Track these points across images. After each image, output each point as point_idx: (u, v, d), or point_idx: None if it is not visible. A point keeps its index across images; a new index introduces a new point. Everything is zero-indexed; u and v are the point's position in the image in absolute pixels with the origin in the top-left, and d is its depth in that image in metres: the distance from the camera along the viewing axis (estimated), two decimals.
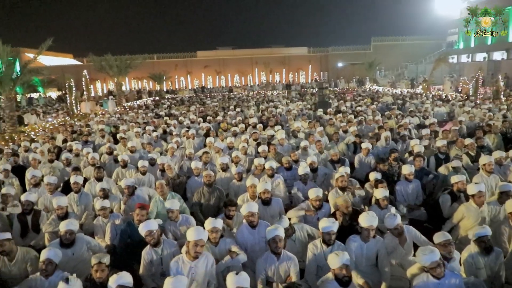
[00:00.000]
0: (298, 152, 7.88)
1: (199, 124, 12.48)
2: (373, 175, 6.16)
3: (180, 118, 13.63)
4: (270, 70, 45.65)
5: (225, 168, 7.06)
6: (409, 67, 40.08)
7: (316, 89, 21.85)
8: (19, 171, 8.04)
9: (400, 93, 24.97)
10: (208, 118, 13.62)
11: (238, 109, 16.21)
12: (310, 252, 4.21)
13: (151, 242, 4.19)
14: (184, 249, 3.99)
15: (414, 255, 4.35)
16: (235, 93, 36.37)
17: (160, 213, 5.54)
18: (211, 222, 4.24)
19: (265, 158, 7.51)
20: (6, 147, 10.74)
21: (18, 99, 30.56)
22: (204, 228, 4.07)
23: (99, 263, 3.70)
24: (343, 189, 5.75)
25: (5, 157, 8.80)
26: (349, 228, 4.71)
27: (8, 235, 4.30)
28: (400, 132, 9.55)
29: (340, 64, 47.39)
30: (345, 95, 25.91)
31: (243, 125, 11.39)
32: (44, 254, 3.87)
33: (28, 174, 6.98)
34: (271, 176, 6.48)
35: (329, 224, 4.08)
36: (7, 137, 12.72)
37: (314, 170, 6.87)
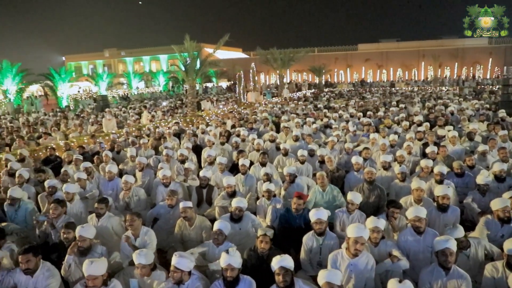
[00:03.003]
0: (475, 157, 6.91)
1: (359, 119, 12.16)
2: None
3: (340, 112, 13.54)
4: (439, 64, 41.18)
5: (387, 167, 6.70)
6: None
7: (498, 86, 18.74)
8: (197, 150, 9.28)
9: None
10: (368, 113, 13.14)
11: (401, 106, 15.17)
12: (488, 274, 3.64)
13: (317, 230, 4.26)
14: (344, 244, 3.94)
15: None
16: (398, 88, 34.13)
17: (318, 203, 5.62)
18: (372, 221, 4.07)
19: (433, 160, 6.83)
20: (187, 128, 12.51)
21: (197, 88, 35.15)
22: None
23: (265, 235, 4.01)
24: None
25: (187, 137, 10.24)
26: None
27: (190, 204, 4.99)
28: None
29: None
30: None
31: (406, 123, 10.61)
32: (216, 225, 4.36)
33: (205, 153, 7.96)
34: (440, 182, 5.83)
35: None
36: (188, 119, 14.82)
37: (500, 179, 5.90)
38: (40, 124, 16.25)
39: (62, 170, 7.21)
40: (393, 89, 32.97)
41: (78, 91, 42.74)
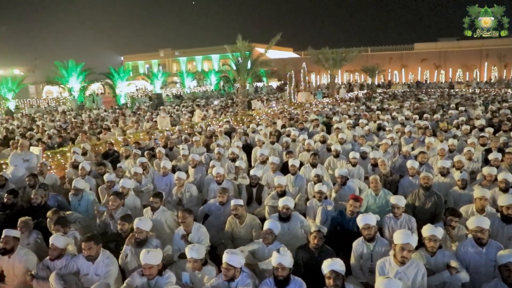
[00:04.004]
0: None
1: (414, 121, 11.66)
2: None
3: (393, 114, 13.08)
4: (504, 64, 38.37)
5: (445, 173, 6.36)
6: None
7: None
8: (246, 148, 9.37)
9: None
10: (425, 115, 12.57)
11: (461, 108, 14.34)
12: None
13: (366, 236, 4.16)
14: (391, 251, 3.81)
15: None
16: (457, 90, 32.30)
17: (370, 207, 5.47)
18: (429, 229, 3.88)
19: (497, 167, 6.39)
20: (237, 127, 12.68)
21: (247, 87, 35.52)
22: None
23: (319, 231, 4.06)
24: None
25: (238, 136, 10.38)
26: None
27: (241, 202, 5.06)
28: None
29: None
30: None
31: (467, 127, 10.00)
32: (267, 225, 4.39)
33: (258, 152, 8.01)
34: (505, 190, 5.44)
35: None
36: (238, 118, 15.02)
37: None
38: (100, 120, 17.27)
39: (118, 166, 7.60)
40: (452, 90, 31.26)
41: (136, 90, 44.74)
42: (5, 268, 4.30)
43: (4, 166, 8.12)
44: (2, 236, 4.29)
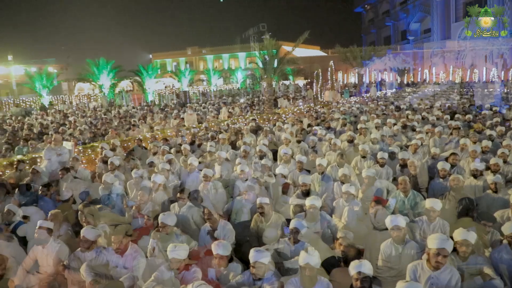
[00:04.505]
0: None
1: (445, 122, 11.29)
2: None
3: (423, 114, 12.73)
4: None
5: (477, 175, 6.13)
6: None
7: None
8: (273, 147, 9.35)
9: None
10: (456, 116, 12.16)
11: (495, 109, 13.78)
12: None
13: (395, 238, 4.06)
14: (424, 256, 3.70)
15: None
16: (491, 89, 31.05)
17: (399, 209, 5.34)
18: (461, 233, 3.75)
19: None
20: (264, 125, 12.68)
21: (273, 85, 35.37)
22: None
23: (345, 237, 4.02)
24: None
25: (264, 134, 10.36)
26: None
27: (267, 200, 5.05)
28: None
29: None
30: None
31: (502, 128, 9.58)
32: (293, 224, 4.36)
33: (281, 151, 7.99)
34: None
35: None
36: (265, 117, 15.02)
37: None
38: (129, 116, 17.67)
39: (148, 161, 7.75)
40: (485, 90, 30.09)
41: (165, 87, 45.36)
42: (39, 257, 4.49)
43: (38, 160, 8.44)
44: (37, 227, 4.47)
